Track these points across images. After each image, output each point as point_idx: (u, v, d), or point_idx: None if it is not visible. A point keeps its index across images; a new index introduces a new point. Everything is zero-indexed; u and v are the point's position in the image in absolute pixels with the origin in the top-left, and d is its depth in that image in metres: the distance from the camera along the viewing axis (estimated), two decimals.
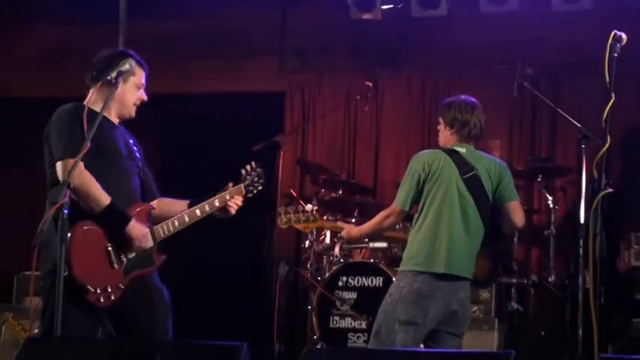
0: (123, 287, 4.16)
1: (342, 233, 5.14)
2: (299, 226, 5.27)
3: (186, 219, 4.41)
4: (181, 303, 4.48)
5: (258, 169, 4.72)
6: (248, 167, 4.69)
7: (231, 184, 4.56)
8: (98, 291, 4.07)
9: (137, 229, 4.20)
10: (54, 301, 3.80)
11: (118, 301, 4.15)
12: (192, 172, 7.21)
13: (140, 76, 4.48)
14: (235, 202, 4.55)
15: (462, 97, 4.91)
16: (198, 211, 4.44)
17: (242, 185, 4.60)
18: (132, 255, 4.22)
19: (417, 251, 4.68)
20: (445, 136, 4.89)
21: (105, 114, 4.25)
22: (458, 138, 4.83)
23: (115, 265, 4.17)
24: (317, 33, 8.11)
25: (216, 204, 4.49)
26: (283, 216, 5.31)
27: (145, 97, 4.49)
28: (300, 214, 5.27)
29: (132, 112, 4.45)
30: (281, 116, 8.25)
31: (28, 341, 3.96)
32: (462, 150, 4.80)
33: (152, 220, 4.36)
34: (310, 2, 8.02)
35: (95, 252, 4.12)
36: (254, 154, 6.67)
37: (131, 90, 4.43)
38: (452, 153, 4.79)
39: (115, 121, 4.43)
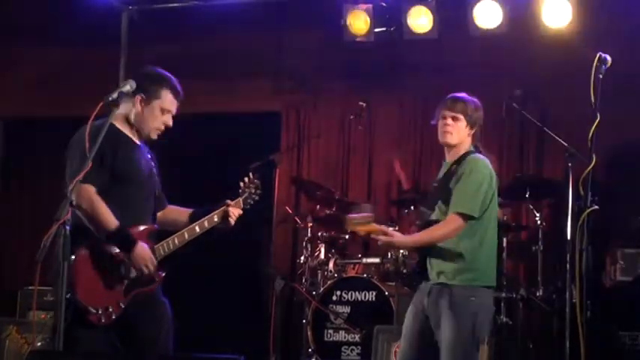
0: (124, 306, 4.22)
1: (388, 240, 4.47)
2: (359, 228, 4.62)
3: (186, 236, 4.44)
4: (180, 316, 4.52)
5: (256, 181, 4.74)
6: (246, 179, 4.72)
7: (229, 201, 4.60)
8: (100, 312, 4.13)
9: (142, 254, 4.25)
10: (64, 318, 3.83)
11: (122, 315, 4.22)
12: (189, 191, 7.32)
13: (166, 101, 4.45)
14: (235, 213, 4.57)
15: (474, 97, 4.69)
16: (197, 228, 4.47)
17: (240, 199, 4.64)
18: (133, 275, 4.27)
19: (486, 266, 4.46)
20: (463, 134, 4.56)
21: (128, 134, 4.34)
22: (472, 140, 4.60)
23: (117, 285, 4.23)
24: (311, 54, 8.23)
25: (215, 219, 4.53)
26: (349, 220, 4.77)
27: (170, 123, 4.46)
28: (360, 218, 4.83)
29: (152, 135, 4.44)
30: (277, 135, 8.34)
31: (30, 354, 3.98)
32: None
33: (160, 227, 4.44)
34: (305, 25, 8.11)
35: (97, 274, 4.16)
36: (250, 172, 6.82)
37: (153, 113, 4.41)
38: None
39: (138, 140, 4.44)
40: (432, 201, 4.60)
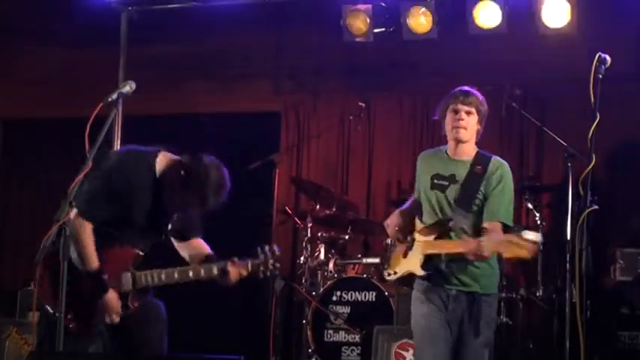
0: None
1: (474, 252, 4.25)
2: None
3: (176, 276, 4.32)
4: (180, 317, 4.56)
5: (276, 252, 4.47)
6: (267, 247, 4.46)
7: (235, 259, 4.42)
8: (69, 316, 4.08)
9: (109, 304, 4.18)
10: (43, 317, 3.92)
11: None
12: None
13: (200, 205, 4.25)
14: (234, 274, 4.41)
15: None
16: (191, 273, 4.35)
17: (249, 262, 4.42)
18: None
19: (498, 272, 4.53)
20: (474, 130, 4.49)
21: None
22: (477, 137, 4.54)
23: (86, 303, 4.18)
24: (311, 55, 8.23)
25: (214, 272, 4.38)
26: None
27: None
28: None
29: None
30: (276, 136, 8.36)
31: (30, 355, 4.00)
32: None
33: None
34: (304, 25, 8.12)
35: (73, 286, 4.04)
36: (250, 172, 6.84)
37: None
38: None
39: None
40: (463, 201, 4.41)
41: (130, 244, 4.30)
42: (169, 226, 4.43)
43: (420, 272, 4.42)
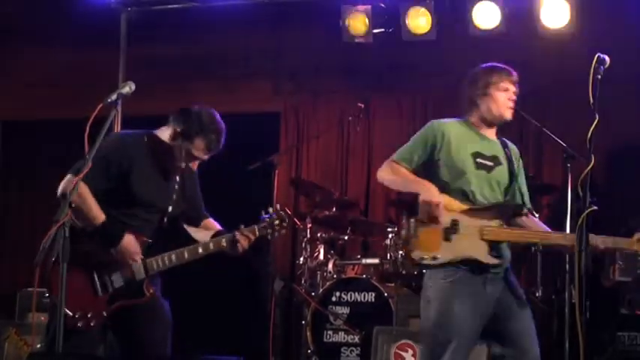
0: (106, 315, 4.19)
1: None
2: None
3: (186, 255, 4.37)
4: (180, 318, 4.52)
5: (282, 213, 4.58)
6: (270, 209, 4.57)
7: (242, 226, 4.48)
8: (76, 316, 4.10)
9: (127, 246, 4.22)
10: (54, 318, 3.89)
11: (121, 315, 4.22)
12: None
13: (198, 148, 4.40)
14: (244, 241, 4.44)
15: None
16: (200, 249, 4.40)
17: (256, 227, 4.49)
18: (119, 284, 4.23)
19: None
20: None
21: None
22: None
23: (100, 293, 4.20)
24: (310, 56, 8.26)
25: (223, 244, 4.43)
26: None
27: (204, 158, 4.46)
28: None
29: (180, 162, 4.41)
30: (276, 136, 8.39)
31: (30, 357, 4.00)
32: None
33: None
34: (303, 26, 8.15)
35: (79, 277, 4.13)
36: (249, 173, 6.85)
37: (180, 151, 4.41)
38: None
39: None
40: (508, 186, 4.29)
41: (136, 231, 4.32)
42: (170, 209, 4.45)
43: (492, 260, 4.13)
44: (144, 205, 4.35)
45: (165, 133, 4.43)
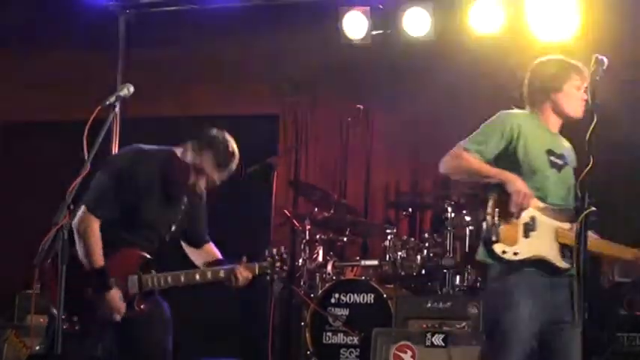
0: (92, 319, 4.20)
1: None
2: None
3: (183, 279, 4.40)
4: (179, 319, 4.54)
5: (284, 256, 4.66)
6: (274, 250, 4.64)
7: (244, 259, 4.52)
8: (62, 317, 4.06)
9: (111, 302, 4.21)
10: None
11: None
12: None
13: (207, 165, 4.42)
14: (242, 276, 4.48)
15: None
16: (197, 276, 4.45)
17: (257, 265, 4.55)
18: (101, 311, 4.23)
19: None
20: None
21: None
22: None
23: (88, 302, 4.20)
24: (309, 58, 8.24)
25: (221, 275, 4.48)
26: None
27: (202, 187, 4.44)
28: None
29: (201, 188, 4.46)
30: (275, 139, 8.40)
31: (29, 359, 3.99)
32: None
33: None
34: (302, 28, 8.13)
35: (78, 288, 4.13)
36: (248, 175, 6.84)
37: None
38: None
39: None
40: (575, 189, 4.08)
41: (136, 246, 4.34)
42: (173, 227, 4.47)
43: (563, 264, 3.98)
44: (147, 225, 4.38)
45: (179, 150, 4.47)
